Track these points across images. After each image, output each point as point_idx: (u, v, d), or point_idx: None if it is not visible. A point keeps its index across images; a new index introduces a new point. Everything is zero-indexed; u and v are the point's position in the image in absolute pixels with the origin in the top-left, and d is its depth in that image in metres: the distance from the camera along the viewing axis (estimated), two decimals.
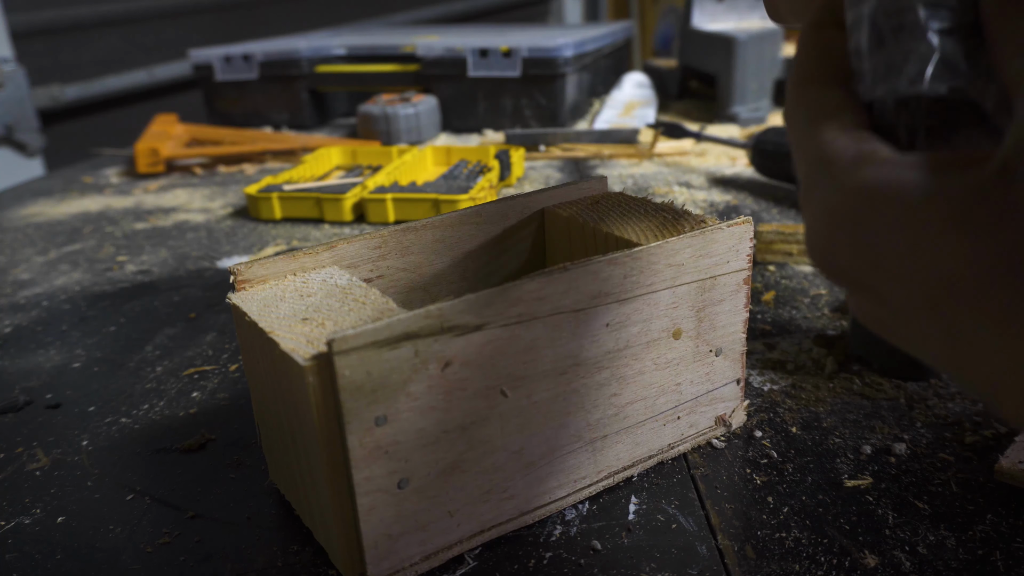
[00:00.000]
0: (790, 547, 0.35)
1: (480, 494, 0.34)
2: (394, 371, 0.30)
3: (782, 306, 0.59)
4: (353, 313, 0.33)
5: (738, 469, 0.41)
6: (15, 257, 0.79)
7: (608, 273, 0.35)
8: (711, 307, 0.39)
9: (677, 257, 0.37)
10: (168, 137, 1.10)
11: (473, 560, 0.35)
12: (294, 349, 0.30)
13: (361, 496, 0.31)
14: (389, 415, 0.30)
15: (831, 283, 0.23)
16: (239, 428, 0.46)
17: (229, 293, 0.36)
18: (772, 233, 0.68)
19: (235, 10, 1.82)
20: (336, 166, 0.98)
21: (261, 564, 0.35)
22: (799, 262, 0.67)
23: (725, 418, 0.43)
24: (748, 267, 0.40)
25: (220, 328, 0.60)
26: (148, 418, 0.48)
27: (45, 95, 1.36)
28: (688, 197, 0.85)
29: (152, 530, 0.38)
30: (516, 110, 1.15)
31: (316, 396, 0.29)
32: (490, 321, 0.32)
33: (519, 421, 0.34)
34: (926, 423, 0.44)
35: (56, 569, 0.36)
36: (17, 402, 0.50)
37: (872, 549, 0.35)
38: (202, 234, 0.83)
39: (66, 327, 0.62)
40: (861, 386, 0.48)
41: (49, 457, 0.45)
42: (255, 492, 0.41)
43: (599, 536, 0.36)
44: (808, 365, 0.50)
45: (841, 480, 0.39)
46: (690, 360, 0.40)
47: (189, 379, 0.53)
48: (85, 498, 0.41)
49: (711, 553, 0.35)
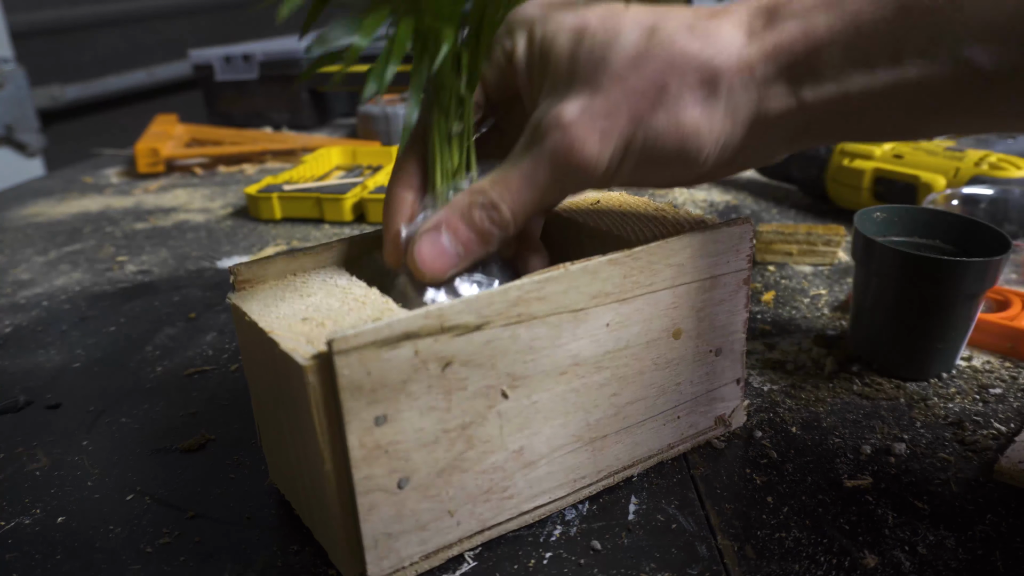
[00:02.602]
0: (790, 547, 0.35)
1: (480, 494, 0.34)
2: (394, 371, 0.30)
3: (782, 306, 0.59)
4: (353, 313, 0.33)
5: (738, 469, 0.41)
6: (15, 257, 0.79)
7: (608, 273, 0.35)
8: (711, 307, 0.39)
9: (677, 257, 0.37)
10: (168, 137, 1.10)
11: (473, 560, 0.35)
12: (294, 349, 0.30)
13: (361, 495, 0.31)
14: (389, 415, 0.30)
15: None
16: (239, 428, 0.46)
17: (229, 293, 0.36)
18: (772, 233, 0.68)
19: (235, 10, 1.81)
20: (336, 166, 0.98)
21: (261, 564, 0.35)
22: (799, 262, 0.67)
23: (725, 418, 0.43)
24: (748, 267, 0.40)
25: (220, 328, 0.60)
26: (148, 418, 0.48)
27: (45, 95, 1.36)
28: (688, 197, 0.85)
29: (152, 530, 0.38)
30: None
31: (316, 396, 0.29)
32: (490, 321, 0.32)
33: (519, 421, 0.34)
34: (926, 423, 0.44)
35: (56, 569, 0.36)
36: (17, 402, 0.50)
37: (872, 549, 0.35)
38: (202, 234, 0.83)
39: (66, 327, 0.62)
40: (861, 386, 0.48)
41: (49, 457, 0.45)
42: (255, 492, 0.41)
43: (599, 536, 0.36)
44: (808, 365, 0.50)
45: (841, 480, 0.39)
46: (690, 360, 0.40)
47: (189, 379, 0.53)
48: (85, 498, 0.41)
49: (711, 553, 0.35)
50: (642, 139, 0.32)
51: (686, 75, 0.31)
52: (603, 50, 0.32)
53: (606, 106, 0.31)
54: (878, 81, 0.29)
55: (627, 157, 0.32)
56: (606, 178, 0.33)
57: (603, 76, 0.31)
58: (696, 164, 0.32)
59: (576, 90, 0.32)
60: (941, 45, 0.28)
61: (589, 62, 0.32)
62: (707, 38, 0.31)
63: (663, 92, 0.31)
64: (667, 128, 0.31)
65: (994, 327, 0.50)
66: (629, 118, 0.31)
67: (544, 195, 0.33)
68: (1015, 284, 0.57)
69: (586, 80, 0.32)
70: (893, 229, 0.51)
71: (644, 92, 0.31)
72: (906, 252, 0.45)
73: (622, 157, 0.32)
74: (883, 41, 0.29)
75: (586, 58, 0.32)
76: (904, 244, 0.51)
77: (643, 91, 0.31)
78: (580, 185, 0.33)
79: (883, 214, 0.51)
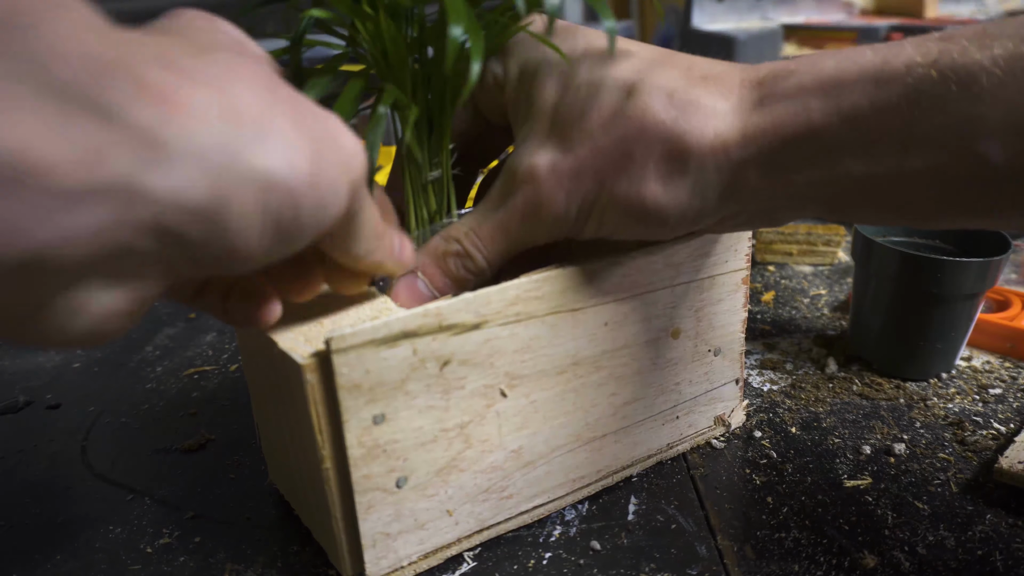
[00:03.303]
0: (790, 547, 0.35)
1: (479, 493, 0.34)
2: (392, 370, 0.30)
3: (782, 306, 0.59)
4: (351, 312, 0.33)
5: (737, 469, 0.41)
6: None
7: (607, 272, 0.35)
8: (710, 307, 0.39)
9: (675, 257, 0.37)
10: None
11: (472, 560, 0.35)
12: (292, 348, 0.30)
13: (359, 495, 0.31)
14: (387, 414, 0.30)
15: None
16: (239, 428, 0.46)
17: None
18: (772, 233, 0.68)
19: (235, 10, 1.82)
20: None
21: (261, 564, 0.35)
22: (799, 262, 0.67)
23: (724, 418, 0.43)
24: (746, 267, 0.40)
25: (220, 328, 0.60)
26: (148, 418, 0.48)
27: None
28: None
29: (152, 530, 0.38)
30: None
31: (314, 394, 0.29)
32: (488, 320, 0.32)
33: (517, 420, 0.34)
34: (926, 423, 0.44)
35: (56, 569, 0.36)
36: (17, 402, 0.50)
37: (872, 549, 0.35)
38: None
39: None
40: (861, 386, 0.48)
41: (49, 457, 0.45)
42: (255, 492, 0.41)
43: (599, 536, 0.36)
44: (808, 365, 0.50)
45: (841, 480, 0.39)
46: (689, 360, 0.40)
47: (189, 379, 0.53)
48: (85, 498, 0.41)
49: (711, 553, 0.35)
50: (607, 201, 0.31)
51: (652, 147, 0.30)
52: (582, 105, 0.31)
53: (575, 166, 0.31)
54: (878, 168, 0.28)
55: (592, 216, 0.32)
56: (576, 231, 0.33)
57: (577, 134, 0.31)
58: (664, 229, 0.31)
59: (552, 144, 0.31)
60: (952, 137, 0.26)
61: (568, 116, 0.31)
62: (685, 109, 0.29)
63: (628, 160, 0.30)
64: (628, 196, 0.30)
65: (994, 327, 0.50)
66: (594, 180, 0.31)
67: (515, 243, 0.33)
68: (1015, 284, 0.57)
69: (561, 135, 0.31)
70: (893, 229, 0.51)
71: (610, 156, 0.30)
72: (906, 252, 0.45)
73: (588, 215, 0.32)
74: (885, 131, 0.27)
75: (566, 112, 0.31)
76: (904, 244, 0.51)
77: (609, 155, 0.30)
78: (550, 235, 0.33)
79: None
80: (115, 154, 0.17)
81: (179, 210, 0.19)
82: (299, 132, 0.22)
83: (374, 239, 0.28)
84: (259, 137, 0.20)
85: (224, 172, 0.19)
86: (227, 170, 0.19)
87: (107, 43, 0.18)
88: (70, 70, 0.17)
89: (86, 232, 0.17)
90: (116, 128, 0.17)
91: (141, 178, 0.18)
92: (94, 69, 0.17)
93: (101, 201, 0.17)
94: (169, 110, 0.18)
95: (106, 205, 0.18)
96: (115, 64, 0.18)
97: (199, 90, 0.19)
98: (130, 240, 0.19)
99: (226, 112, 0.20)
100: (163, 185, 0.18)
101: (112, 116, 0.17)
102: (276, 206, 0.21)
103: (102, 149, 0.17)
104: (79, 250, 0.18)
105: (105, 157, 0.17)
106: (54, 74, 0.16)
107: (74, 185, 0.17)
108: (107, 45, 0.18)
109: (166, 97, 0.18)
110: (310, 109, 0.23)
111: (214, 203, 0.19)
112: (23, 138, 0.16)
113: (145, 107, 0.18)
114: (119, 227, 0.18)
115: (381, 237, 0.29)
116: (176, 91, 0.19)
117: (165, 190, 0.18)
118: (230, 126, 0.20)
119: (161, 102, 0.18)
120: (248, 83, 0.21)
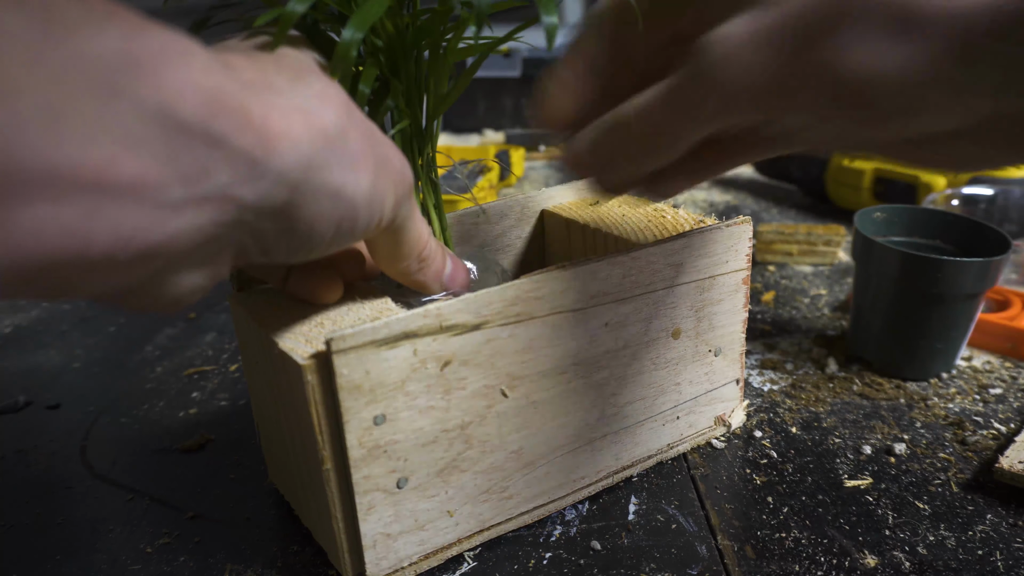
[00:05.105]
0: (790, 547, 0.35)
1: (479, 493, 0.34)
2: (393, 370, 0.30)
3: (782, 306, 0.59)
4: (352, 312, 0.33)
5: (738, 469, 0.41)
6: None
7: (607, 273, 0.35)
8: (710, 307, 0.39)
9: (676, 257, 0.37)
10: None
11: (472, 560, 0.35)
12: (293, 348, 0.30)
13: (360, 495, 0.31)
14: (388, 414, 0.30)
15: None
16: (239, 428, 0.46)
17: (229, 293, 0.36)
18: (772, 233, 0.68)
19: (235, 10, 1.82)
20: None
21: (261, 564, 0.35)
22: (799, 262, 0.67)
23: (724, 418, 0.43)
24: (747, 267, 0.40)
25: (220, 328, 0.60)
26: (148, 418, 0.48)
27: None
28: (688, 197, 0.85)
29: (152, 530, 0.38)
30: (516, 110, 1.15)
31: (315, 395, 0.29)
32: (489, 320, 0.32)
33: (518, 420, 0.34)
34: (926, 423, 0.44)
35: (56, 569, 0.36)
36: (17, 402, 0.50)
37: (872, 549, 0.35)
38: None
39: (66, 327, 0.62)
40: (861, 386, 0.48)
41: (49, 457, 0.45)
42: (255, 492, 0.41)
43: (599, 536, 0.36)
44: (808, 365, 0.50)
45: (841, 480, 0.39)
46: (689, 360, 0.40)
47: (189, 379, 0.53)
48: (85, 498, 0.41)
49: (711, 553, 0.35)
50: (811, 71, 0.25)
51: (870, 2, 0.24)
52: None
53: (775, 24, 0.25)
54: None
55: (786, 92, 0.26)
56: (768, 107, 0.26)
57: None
58: (872, 113, 0.26)
59: (745, 6, 0.26)
60: None
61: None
62: None
63: (841, 17, 0.24)
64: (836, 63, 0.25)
65: (994, 327, 0.50)
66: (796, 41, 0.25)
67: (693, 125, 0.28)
68: (1015, 284, 0.57)
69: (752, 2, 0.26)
70: (893, 229, 0.51)
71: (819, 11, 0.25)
72: (906, 252, 0.45)
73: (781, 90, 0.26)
74: None
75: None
76: (904, 244, 0.51)
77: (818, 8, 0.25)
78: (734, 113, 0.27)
79: (883, 214, 0.51)
80: (217, 170, 0.21)
81: (261, 213, 0.23)
82: (365, 153, 0.26)
83: (416, 259, 0.31)
84: (336, 157, 0.24)
85: (303, 184, 0.23)
86: (306, 183, 0.23)
87: (220, 80, 0.21)
88: (189, 108, 0.20)
89: (188, 230, 0.21)
90: (221, 151, 0.21)
91: (236, 189, 0.22)
92: (209, 106, 0.21)
93: (201, 206, 0.21)
94: (266, 137, 0.22)
95: (205, 210, 0.21)
96: (226, 100, 0.21)
97: (293, 117, 0.23)
98: (218, 235, 0.22)
99: (313, 135, 0.23)
100: (253, 194, 0.22)
101: (220, 142, 0.21)
102: (339, 215, 0.25)
103: (208, 167, 0.21)
104: (181, 244, 0.21)
105: (209, 174, 0.21)
106: (176, 111, 0.20)
107: (182, 196, 0.21)
108: (220, 82, 0.21)
109: (266, 128, 0.22)
110: (373, 131, 0.27)
111: (290, 208, 0.24)
112: (142, 165, 0.20)
113: (246, 135, 0.21)
114: (213, 226, 0.22)
115: (427, 259, 0.32)
116: (275, 121, 0.22)
117: (254, 198, 0.22)
118: (315, 147, 0.23)
119: (261, 131, 0.22)
120: (334, 108, 0.25)
